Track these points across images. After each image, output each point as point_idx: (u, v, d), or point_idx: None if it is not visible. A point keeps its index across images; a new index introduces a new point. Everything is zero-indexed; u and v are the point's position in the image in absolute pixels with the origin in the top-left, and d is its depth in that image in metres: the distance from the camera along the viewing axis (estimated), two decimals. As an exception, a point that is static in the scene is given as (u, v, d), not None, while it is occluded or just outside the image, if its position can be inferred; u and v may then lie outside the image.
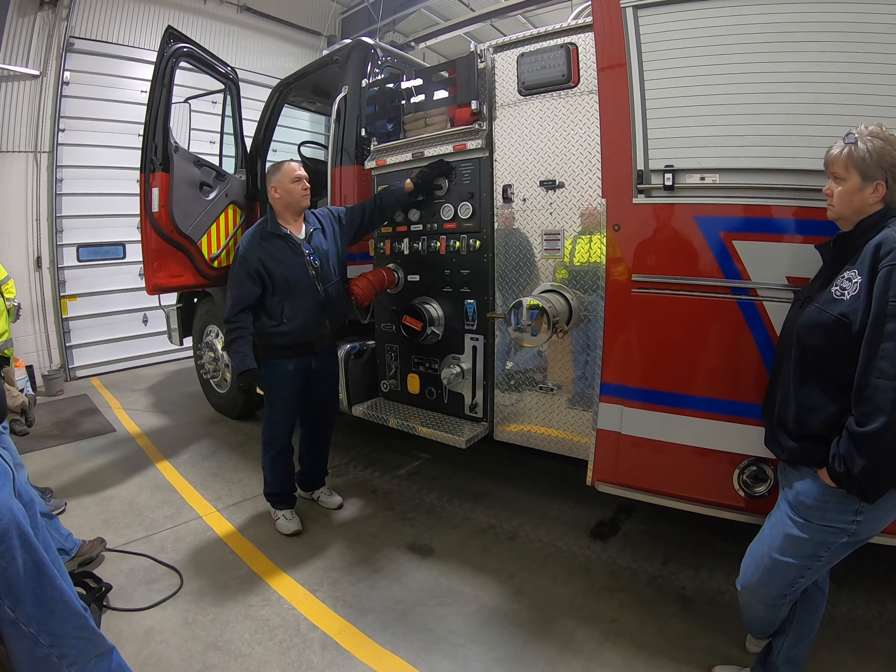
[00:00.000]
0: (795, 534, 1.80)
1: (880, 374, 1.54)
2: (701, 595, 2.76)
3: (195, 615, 2.71)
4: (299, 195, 3.20)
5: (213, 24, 8.31)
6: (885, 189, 1.69)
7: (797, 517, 1.79)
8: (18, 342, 6.26)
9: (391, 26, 9.35)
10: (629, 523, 3.52)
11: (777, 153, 2.24)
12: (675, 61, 2.41)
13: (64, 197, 7.10)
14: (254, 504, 3.79)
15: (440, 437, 3.40)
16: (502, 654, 2.46)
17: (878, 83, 2.05)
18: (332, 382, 3.62)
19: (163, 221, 4.15)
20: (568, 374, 3.05)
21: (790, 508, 1.83)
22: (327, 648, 2.49)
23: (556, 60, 2.88)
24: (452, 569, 3.08)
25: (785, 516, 1.85)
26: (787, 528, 1.83)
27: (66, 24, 6.81)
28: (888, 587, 2.82)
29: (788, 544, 1.83)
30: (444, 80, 3.38)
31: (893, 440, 1.53)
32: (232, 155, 5.08)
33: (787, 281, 2.23)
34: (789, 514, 1.83)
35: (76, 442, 5.03)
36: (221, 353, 5.25)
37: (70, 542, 3.00)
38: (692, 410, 2.50)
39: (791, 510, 1.82)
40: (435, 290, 3.57)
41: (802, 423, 1.79)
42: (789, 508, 1.83)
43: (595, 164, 2.80)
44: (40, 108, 6.75)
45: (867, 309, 1.60)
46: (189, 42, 4.33)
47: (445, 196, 3.44)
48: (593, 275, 2.87)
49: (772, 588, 1.92)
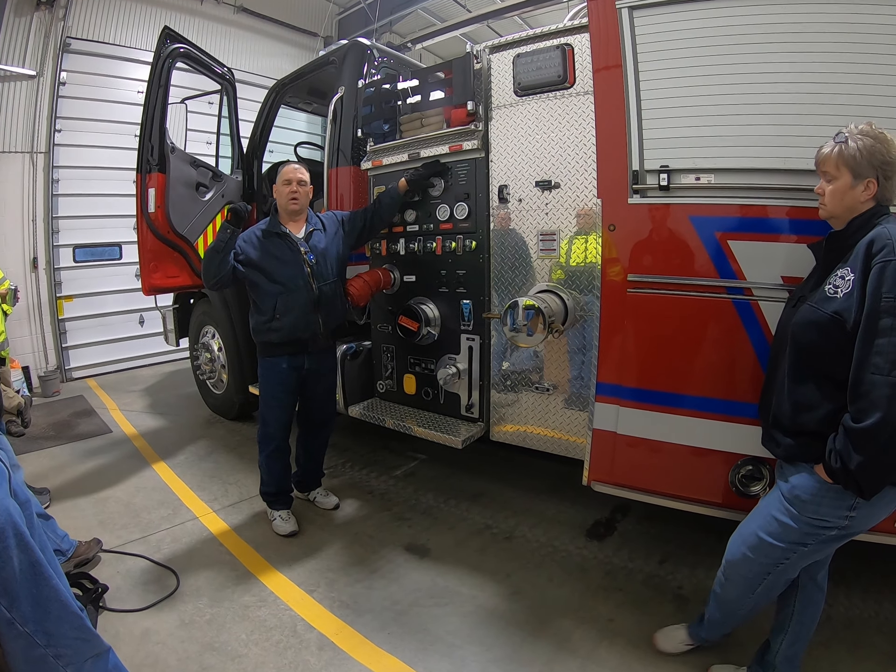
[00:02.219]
0: (785, 521, 1.82)
1: (875, 370, 1.55)
2: (697, 594, 2.76)
3: (192, 616, 2.71)
4: (285, 199, 3.23)
5: (210, 25, 8.31)
6: (875, 187, 1.70)
7: (791, 507, 1.81)
8: (14, 343, 6.26)
9: (388, 27, 9.36)
10: (625, 523, 3.52)
11: (772, 153, 2.25)
12: (671, 62, 2.42)
13: (60, 198, 7.08)
14: (250, 505, 3.78)
15: (436, 437, 3.40)
16: (499, 654, 2.46)
17: (873, 83, 2.07)
18: (330, 383, 3.61)
19: (159, 222, 4.16)
20: (564, 375, 3.06)
21: (784, 500, 1.84)
22: (324, 649, 2.49)
23: (552, 61, 2.88)
24: (449, 569, 3.08)
25: (777, 502, 1.87)
26: (778, 514, 1.85)
27: (63, 25, 6.80)
28: (885, 586, 2.83)
29: (777, 528, 1.85)
30: (441, 81, 3.38)
31: (889, 436, 1.54)
32: (228, 156, 5.08)
33: (781, 280, 2.24)
34: (783, 502, 1.84)
35: (72, 443, 5.01)
36: (218, 354, 5.24)
37: (66, 542, 3.00)
38: (688, 410, 2.51)
39: (785, 501, 1.83)
40: (431, 291, 3.57)
41: (799, 421, 1.80)
42: (784, 499, 1.84)
43: (591, 165, 2.81)
44: (37, 109, 6.74)
45: (860, 306, 1.61)
46: (186, 43, 4.34)
47: (441, 196, 3.44)
48: (589, 275, 2.88)
49: (754, 565, 1.94)
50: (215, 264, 3.07)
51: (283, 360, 3.26)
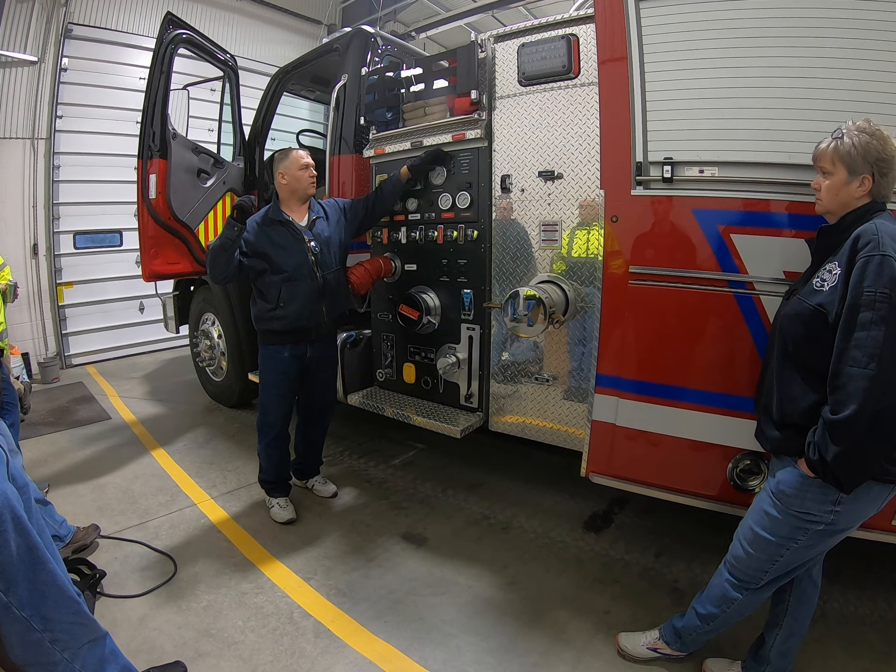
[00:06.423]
0: (774, 514, 1.85)
1: (853, 363, 1.56)
2: (693, 588, 2.75)
3: (189, 602, 2.72)
4: (306, 183, 3.23)
5: (213, 12, 8.25)
6: (871, 183, 1.71)
7: (777, 501, 1.83)
8: (14, 330, 6.25)
9: (392, 16, 9.30)
10: (623, 516, 3.53)
11: (776, 147, 2.23)
12: (676, 54, 2.40)
13: (61, 184, 7.05)
14: (248, 492, 3.79)
15: (435, 426, 3.40)
16: (495, 644, 2.47)
17: (879, 79, 2.05)
18: (330, 372, 3.61)
19: (160, 208, 4.14)
20: (564, 366, 3.06)
21: (772, 494, 1.87)
22: (320, 636, 2.50)
23: (557, 51, 2.86)
24: (446, 559, 3.08)
25: (767, 496, 1.89)
26: (768, 508, 1.87)
27: (65, 10, 6.75)
28: (879, 583, 2.83)
29: (767, 522, 1.87)
30: (444, 70, 3.36)
31: (866, 428, 1.55)
32: (230, 143, 5.06)
33: (783, 275, 2.23)
34: (771, 496, 1.87)
35: (72, 429, 5.03)
36: (217, 342, 5.24)
37: (64, 528, 3.00)
38: (687, 403, 2.50)
39: (772, 495, 1.86)
40: (432, 280, 3.56)
41: (784, 412, 1.83)
42: (771, 493, 1.87)
43: (594, 156, 2.79)
44: (38, 95, 6.70)
45: (843, 299, 1.62)
46: (188, 29, 4.31)
47: (444, 185, 3.42)
48: (590, 266, 2.87)
49: (752, 560, 1.96)
50: (223, 262, 3.04)
51: (286, 348, 3.25)
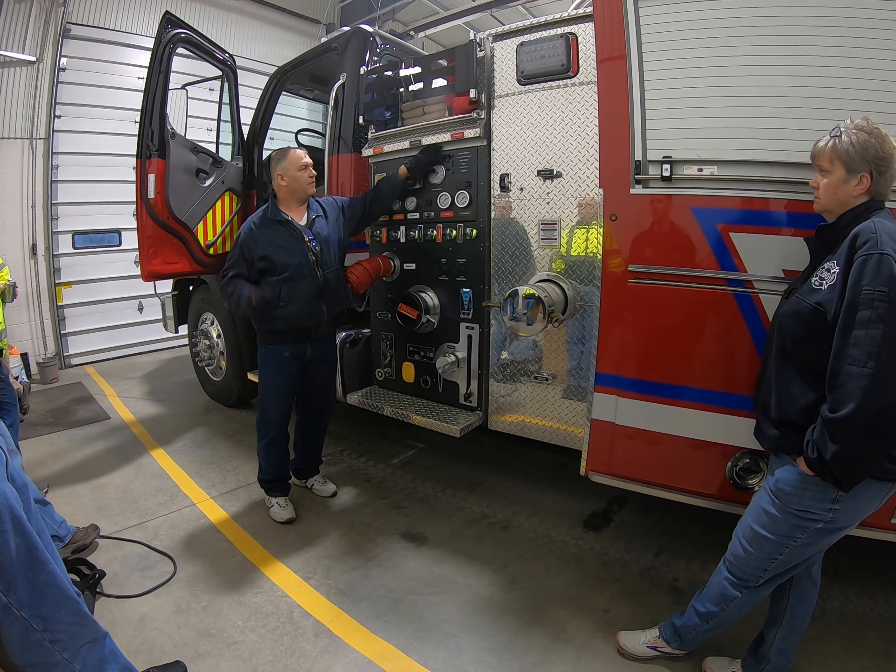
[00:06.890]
0: (773, 512, 1.85)
1: (852, 361, 1.56)
2: (693, 586, 2.76)
3: (188, 602, 2.72)
4: (305, 183, 3.23)
5: (212, 11, 8.23)
6: (869, 181, 1.71)
7: (776, 500, 1.83)
8: (13, 330, 6.25)
9: (390, 15, 9.28)
10: (622, 514, 3.53)
11: (775, 146, 2.23)
12: (675, 52, 2.40)
13: (60, 184, 7.04)
14: (248, 492, 3.79)
15: (434, 425, 3.40)
16: (495, 643, 2.47)
17: (878, 77, 2.05)
18: (330, 371, 3.61)
19: (159, 208, 4.13)
20: (563, 365, 3.06)
21: (771, 492, 1.87)
22: (320, 636, 2.50)
23: (556, 50, 2.86)
24: (446, 558, 3.08)
25: (766, 494, 1.89)
26: (767, 506, 1.87)
27: (63, 10, 6.73)
28: (880, 582, 2.83)
29: (766, 520, 1.87)
30: (443, 69, 3.35)
31: (864, 426, 1.56)
32: (229, 142, 5.05)
33: (783, 274, 2.23)
34: (770, 495, 1.87)
35: (71, 429, 5.02)
36: (217, 341, 5.24)
37: (64, 528, 3.00)
38: (687, 401, 2.51)
39: (771, 494, 1.86)
40: (431, 279, 3.56)
41: (782, 411, 1.83)
42: (770, 492, 1.87)
43: (593, 155, 2.79)
44: (36, 95, 6.68)
45: (841, 298, 1.63)
46: (187, 28, 4.29)
47: (442, 184, 3.42)
48: (589, 265, 2.87)
49: (751, 559, 1.95)
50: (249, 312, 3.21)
51: (286, 348, 3.25)
